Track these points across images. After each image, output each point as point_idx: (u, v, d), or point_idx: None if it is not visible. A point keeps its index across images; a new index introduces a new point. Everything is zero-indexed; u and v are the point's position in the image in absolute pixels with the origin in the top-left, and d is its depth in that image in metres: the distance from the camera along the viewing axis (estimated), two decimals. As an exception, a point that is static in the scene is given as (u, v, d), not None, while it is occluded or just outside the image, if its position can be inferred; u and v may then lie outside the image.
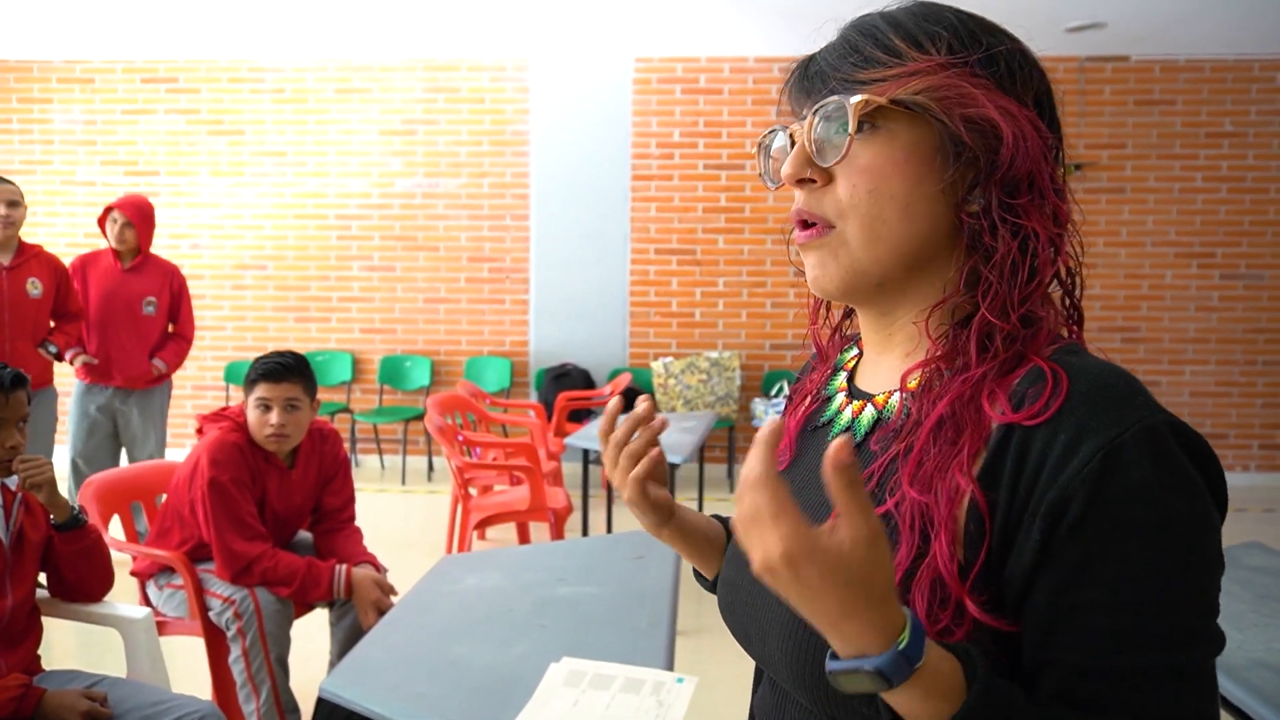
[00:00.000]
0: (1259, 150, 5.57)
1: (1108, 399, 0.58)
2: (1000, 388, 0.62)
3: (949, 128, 0.64)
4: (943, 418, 0.62)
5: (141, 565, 2.39)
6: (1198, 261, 5.63)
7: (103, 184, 5.93)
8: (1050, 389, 0.59)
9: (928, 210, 0.65)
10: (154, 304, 3.92)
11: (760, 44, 5.46)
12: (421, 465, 5.88)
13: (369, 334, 5.97)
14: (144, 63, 5.89)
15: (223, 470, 2.23)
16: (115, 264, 3.88)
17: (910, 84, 0.64)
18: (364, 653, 1.42)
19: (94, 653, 2.97)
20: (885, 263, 0.67)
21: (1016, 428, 0.59)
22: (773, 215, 5.74)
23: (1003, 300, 0.63)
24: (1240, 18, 4.85)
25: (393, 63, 5.81)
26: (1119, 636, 0.56)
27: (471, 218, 5.86)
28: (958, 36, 0.66)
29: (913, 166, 0.65)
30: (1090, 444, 0.56)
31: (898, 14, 0.68)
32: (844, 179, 0.66)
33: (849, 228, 0.66)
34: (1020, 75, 0.66)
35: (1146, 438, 0.56)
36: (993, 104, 0.63)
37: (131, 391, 3.91)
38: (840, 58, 0.67)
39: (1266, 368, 5.67)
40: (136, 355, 3.86)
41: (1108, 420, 0.57)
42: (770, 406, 5.49)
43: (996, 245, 0.64)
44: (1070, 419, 0.58)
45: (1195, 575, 0.57)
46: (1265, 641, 1.47)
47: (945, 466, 0.61)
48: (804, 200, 0.69)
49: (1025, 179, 0.64)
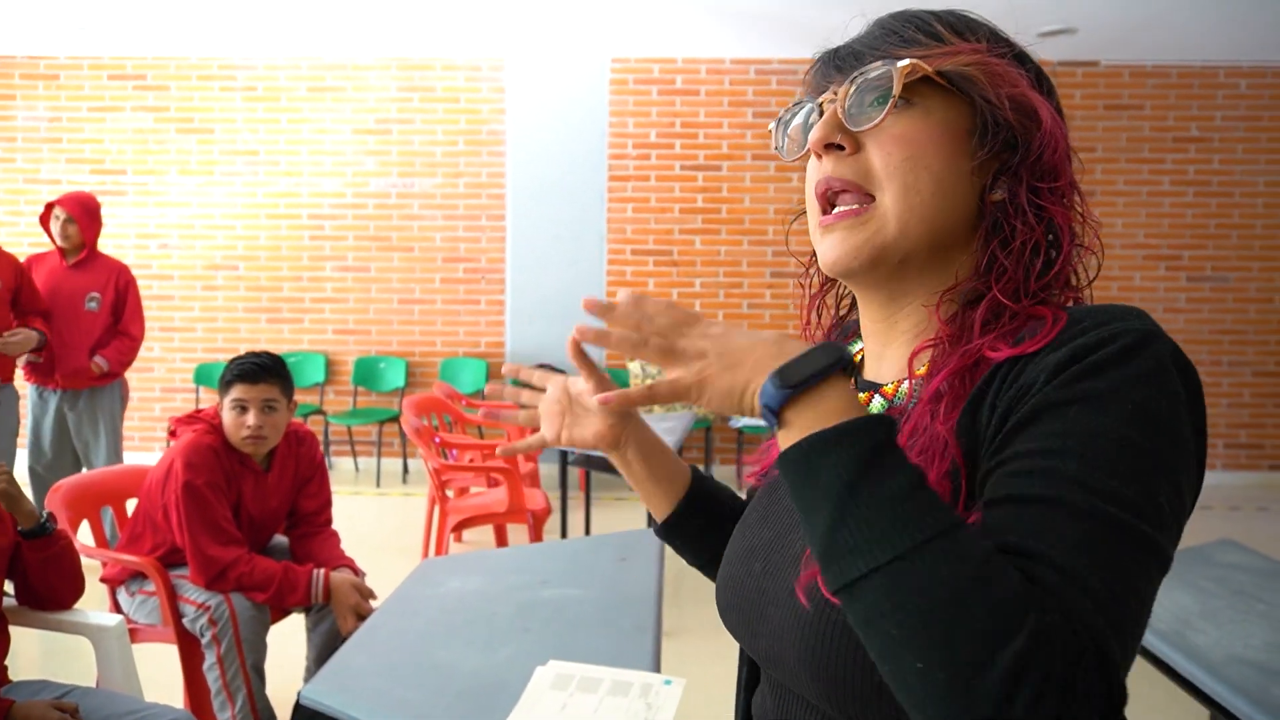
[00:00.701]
0: (1224, 155, 5.69)
1: (1104, 317, 0.58)
2: (1002, 341, 0.62)
3: (990, 106, 0.64)
4: (939, 389, 0.62)
5: (112, 571, 2.34)
6: (1165, 264, 5.74)
7: (68, 182, 5.80)
8: (1050, 323, 0.60)
9: (958, 188, 0.65)
10: (97, 300, 3.81)
11: (736, 46, 5.48)
12: (396, 467, 5.82)
13: (343, 335, 5.90)
14: (111, 59, 5.79)
15: (197, 474, 2.18)
16: (60, 261, 3.79)
17: (958, 58, 0.65)
18: (345, 659, 1.40)
19: (59, 661, 2.90)
20: (914, 236, 0.66)
21: (1010, 360, 0.59)
22: (749, 216, 5.76)
23: (1017, 285, 0.63)
24: (1205, 25, 4.95)
25: (367, 61, 5.75)
26: (1035, 476, 0.54)
27: (447, 218, 5.82)
28: (993, 32, 0.69)
29: (947, 143, 0.65)
30: (1070, 345, 0.57)
31: (930, 8, 0.70)
32: (876, 146, 0.65)
33: (885, 196, 0.65)
34: (1042, 80, 0.69)
35: (1131, 336, 0.56)
36: (1031, 90, 0.66)
37: (80, 393, 3.80)
38: (879, 39, 0.68)
39: (1231, 369, 5.78)
40: (76, 351, 3.74)
41: (1097, 329, 0.57)
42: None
43: (1017, 229, 0.64)
44: (1063, 337, 0.58)
45: (1133, 455, 0.53)
46: (1243, 637, 1.49)
47: (938, 433, 0.60)
48: (832, 168, 0.67)
49: (1054, 169, 0.65)
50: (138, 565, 2.24)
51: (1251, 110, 5.65)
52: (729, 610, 0.76)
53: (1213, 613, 1.59)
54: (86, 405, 3.82)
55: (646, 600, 1.64)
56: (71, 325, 3.75)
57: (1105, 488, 0.52)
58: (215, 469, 2.23)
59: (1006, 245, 0.64)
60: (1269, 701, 1.31)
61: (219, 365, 5.84)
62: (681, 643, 3.08)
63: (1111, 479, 0.52)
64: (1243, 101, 5.65)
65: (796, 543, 0.70)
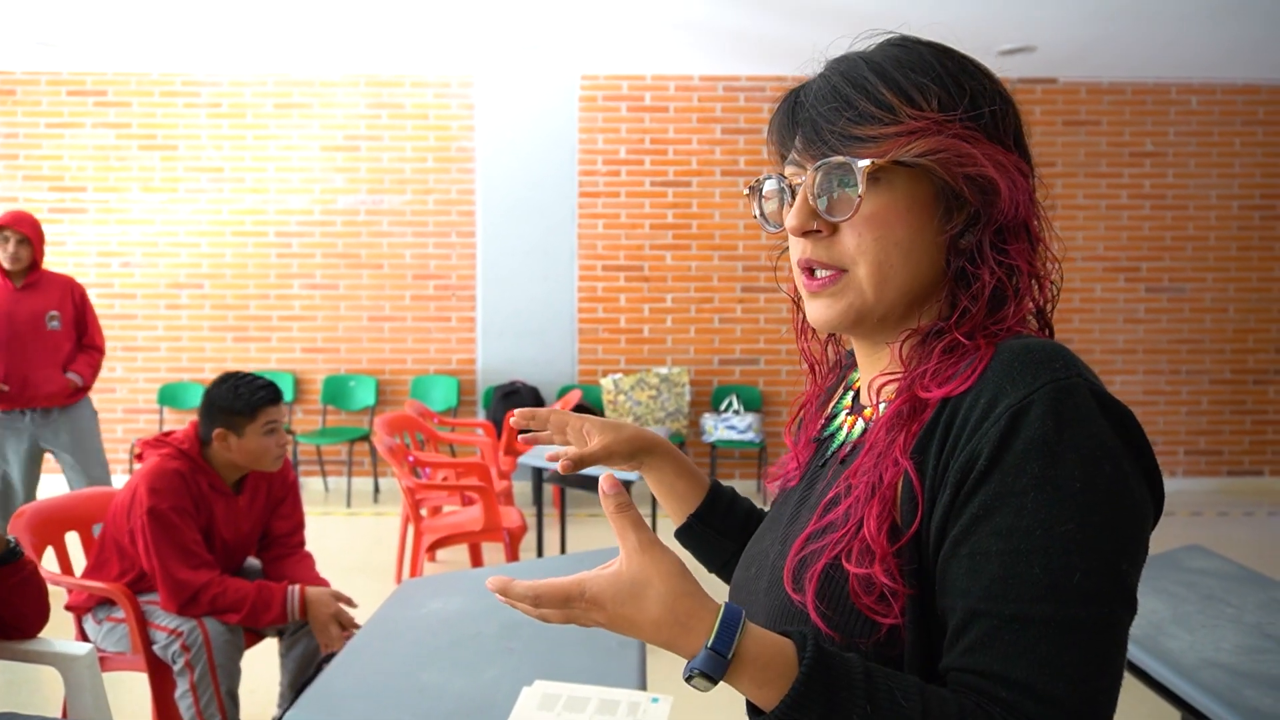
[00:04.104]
0: (1178, 169, 5.85)
1: (1025, 363, 0.62)
2: (945, 375, 0.66)
3: (949, 185, 0.67)
4: (899, 411, 0.67)
5: (78, 599, 2.28)
6: (1124, 275, 5.88)
7: (25, 199, 5.68)
8: (974, 359, 0.64)
9: (927, 253, 0.69)
10: (57, 318, 3.73)
11: (704, 63, 5.53)
12: (367, 487, 5.75)
13: (311, 353, 5.83)
14: (70, 74, 5.69)
15: (163, 499, 2.14)
16: (6, 284, 3.66)
17: (911, 144, 0.66)
18: (328, 682, 1.38)
19: (22, 694, 2.82)
20: (889, 302, 0.70)
21: (948, 400, 0.64)
22: (719, 232, 5.80)
23: (974, 325, 0.67)
24: (1158, 44, 5.10)
25: (335, 78, 5.72)
26: (1006, 583, 0.58)
27: (416, 235, 5.78)
28: (944, 87, 0.68)
29: (914, 215, 0.68)
30: (1002, 404, 0.60)
31: (882, 62, 0.70)
32: (849, 229, 0.69)
33: (860, 271, 0.69)
34: (1000, 117, 0.70)
35: (1054, 395, 0.59)
36: (987, 159, 0.67)
37: (50, 411, 3.71)
38: (834, 111, 0.69)
39: (1190, 376, 5.93)
40: (51, 372, 3.66)
41: (1021, 382, 0.61)
42: (720, 421, 5.53)
43: (980, 276, 0.67)
44: (989, 383, 0.62)
45: (1092, 535, 0.58)
46: (1214, 641, 1.52)
47: (890, 451, 0.65)
48: (811, 250, 0.71)
49: (1016, 226, 0.68)
50: (106, 592, 2.18)
51: (1202, 126, 5.82)
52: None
53: (1184, 617, 1.62)
54: (67, 423, 3.73)
55: (630, 617, 1.63)
56: (39, 347, 3.66)
57: (1068, 586, 0.57)
58: (182, 494, 2.19)
59: (969, 288, 0.68)
60: (1241, 703, 1.34)
61: (184, 385, 5.73)
62: (666, 659, 3.07)
63: (1073, 573, 0.57)
64: (1194, 117, 5.82)
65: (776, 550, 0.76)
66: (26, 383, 3.63)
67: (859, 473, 0.68)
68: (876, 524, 0.63)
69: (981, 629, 0.59)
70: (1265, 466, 5.98)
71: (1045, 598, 0.57)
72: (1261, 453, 5.97)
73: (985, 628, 0.58)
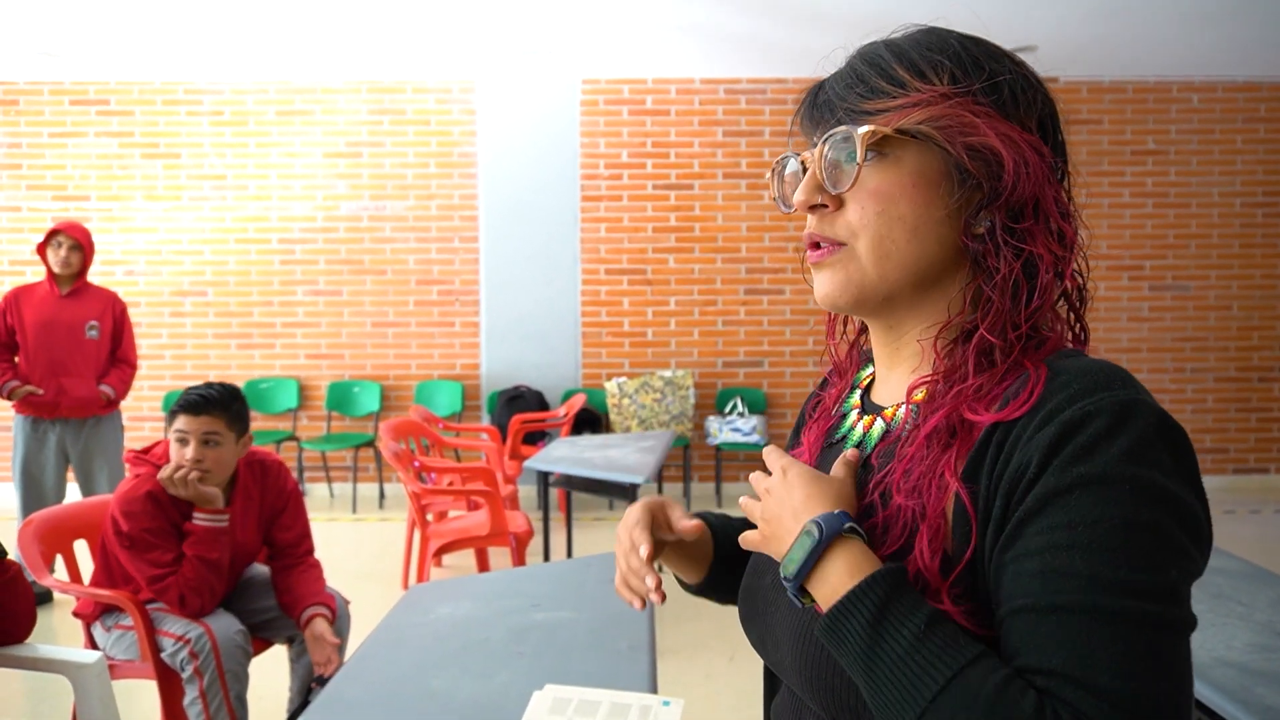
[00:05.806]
0: (1179, 167, 5.85)
1: (1085, 385, 0.60)
2: (993, 395, 0.64)
3: (952, 155, 0.66)
4: (937, 427, 0.65)
5: (85, 606, 2.28)
6: (1128, 274, 5.87)
7: (29, 209, 5.71)
8: (1031, 383, 0.62)
9: (934, 232, 0.67)
10: (97, 328, 3.78)
11: (705, 66, 5.54)
12: (372, 492, 5.75)
13: (315, 360, 5.83)
14: (72, 84, 5.71)
15: (135, 522, 2.14)
16: (52, 290, 3.73)
17: (914, 114, 0.66)
18: (339, 689, 1.38)
19: (31, 702, 2.82)
20: (893, 280, 0.68)
21: (1000, 424, 0.62)
22: (722, 234, 5.80)
23: (1003, 320, 0.65)
24: (1159, 42, 5.10)
25: (336, 85, 5.73)
26: (1045, 577, 0.57)
27: (419, 240, 5.79)
28: (960, 65, 0.67)
29: (920, 191, 0.67)
30: (1057, 420, 0.59)
31: (903, 43, 0.70)
32: (854, 202, 0.68)
33: (859, 245, 0.68)
34: (1023, 100, 0.68)
35: (1113, 410, 0.58)
36: (994, 131, 0.65)
37: (83, 423, 3.74)
38: (847, 88, 0.69)
39: (1194, 375, 5.92)
40: (85, 381, 3.71)
41: (1080, 401, 0.59)
42: (725, 424, 5.53)
43: (999, 266, 0.66)
44: (1045, 406, 0.60)
45: (1140, 533, 0.56)
46: (1225, 639, 1.52)
47: (935, 470, 0.63)
48: (815, 224, 0.71)
49: (1029, 203, 0.66)
50: (114, 599, 2.19)
51: (1204, 124, 5.82)
52: (746, 621, 0.80)
53: (1196, 616, 1.62)
54: (91, 436, 3.76)
55: (639, 620, 1.63)
56: (75, 355, 3.70)
57: (1115, 580, 0.55)
58: (155, 516, 2.16)
59: (992, 278, 0.66)
60: (1253, 701, 1.34)
61: (188, 393, 5.74)
62: (679, 662, 3.07)
63: (1120, 569, 0.55)
64: (1195, 115, 5.82)
65: None
66: (60, 390, 3.66)
67: (898, 490, 0.66)
68: (930, 553, 0.61)
69: (1021, 623, 0.57)
70: (1271, 464, 5.96)
71: (1084, 589, 0.55)
72: (1267, 450, 5.96)
73: (1025, 621, 0.57)
